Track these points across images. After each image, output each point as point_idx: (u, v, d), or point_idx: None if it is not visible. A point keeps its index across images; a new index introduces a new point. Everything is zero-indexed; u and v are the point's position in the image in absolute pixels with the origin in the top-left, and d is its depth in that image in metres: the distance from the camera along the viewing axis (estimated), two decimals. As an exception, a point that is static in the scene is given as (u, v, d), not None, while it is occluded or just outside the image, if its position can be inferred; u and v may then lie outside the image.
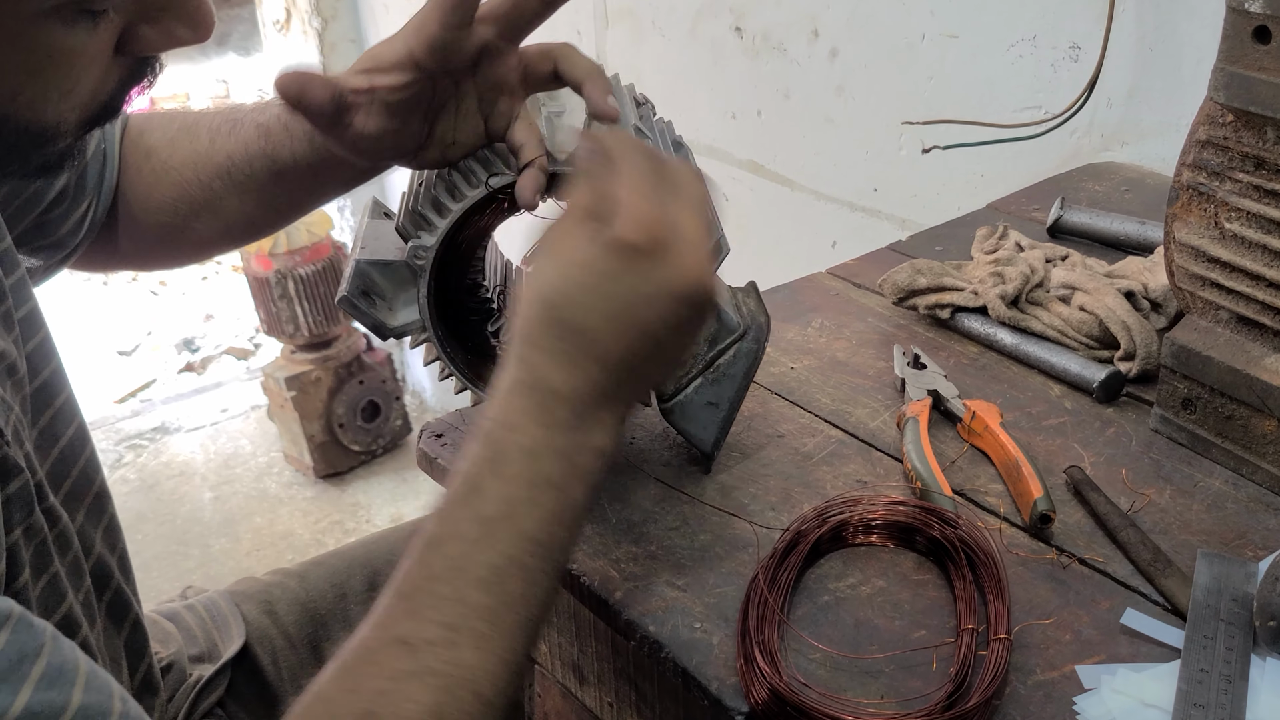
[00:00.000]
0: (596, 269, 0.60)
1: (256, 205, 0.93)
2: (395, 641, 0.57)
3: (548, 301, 0.61)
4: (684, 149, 0.85)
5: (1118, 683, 0.66)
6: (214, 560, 2.70)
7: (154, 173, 0.94)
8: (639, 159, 0.63)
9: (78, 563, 0.73)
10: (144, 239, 0.96)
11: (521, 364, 0.61)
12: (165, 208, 0.94)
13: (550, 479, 0.60)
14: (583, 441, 0.61)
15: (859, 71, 1.63)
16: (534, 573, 0.59)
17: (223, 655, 0.98)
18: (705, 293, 0.61)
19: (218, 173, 0.91)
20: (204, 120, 0.93)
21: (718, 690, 0.67)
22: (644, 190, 0.61)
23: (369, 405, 2.98)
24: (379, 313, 0.80)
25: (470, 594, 0.58)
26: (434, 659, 0.56)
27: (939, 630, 0.71)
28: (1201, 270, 0.85)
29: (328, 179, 0.90)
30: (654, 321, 0.60)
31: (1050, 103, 1.38)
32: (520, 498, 0.59)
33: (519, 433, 0.60)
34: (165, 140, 0.94)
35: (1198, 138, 0.83)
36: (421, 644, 0.56)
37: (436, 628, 0.57)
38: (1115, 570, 0.75)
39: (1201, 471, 0.85)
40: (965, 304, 1.02)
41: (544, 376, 0.60)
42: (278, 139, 0.88)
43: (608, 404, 0.61)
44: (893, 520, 0.78)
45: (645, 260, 0.59)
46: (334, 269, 2.83)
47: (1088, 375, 0.94)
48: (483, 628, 0.57)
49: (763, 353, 0.84)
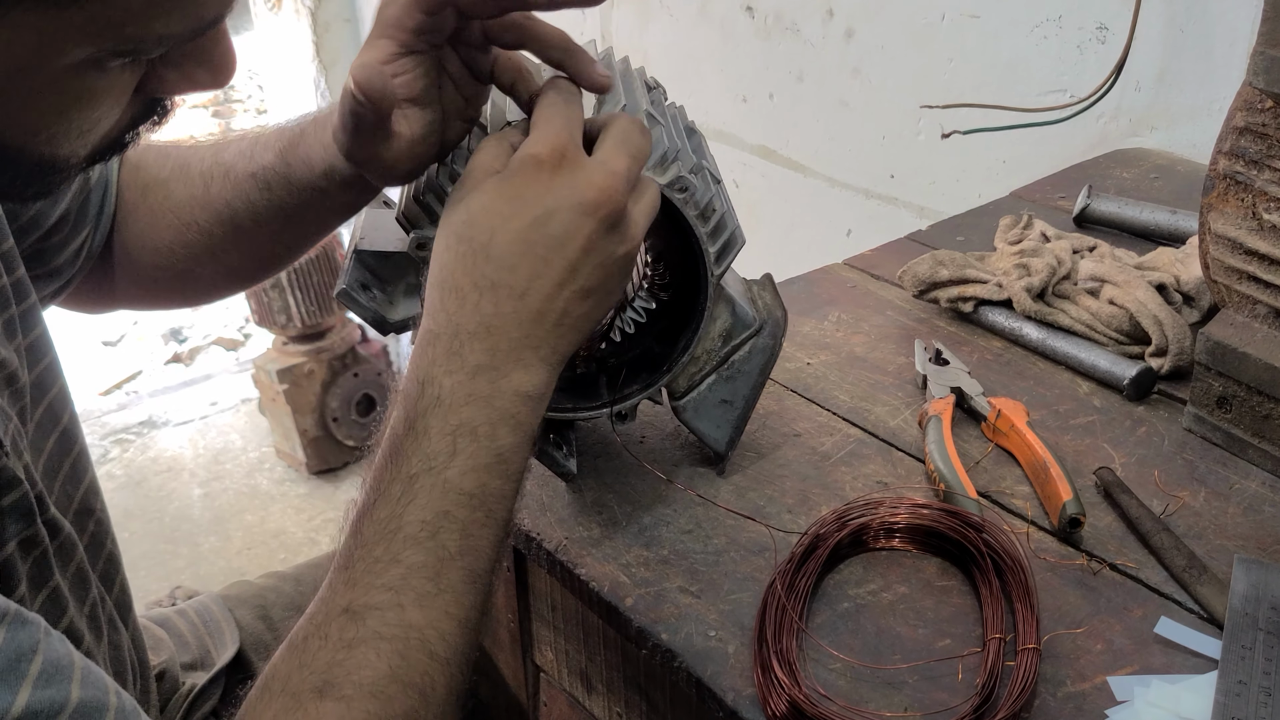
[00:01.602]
0: (501, 189, 0.62)
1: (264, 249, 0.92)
2: (341, 612, 0.58)
3: (456, 234, 0.62)
4: (697, 135, 0.84)
5: (1152, 695, 0.66)
6: (203, 559, 2.71)
7: (151, 211, 0.92)
8: (554, 92, 0.65)
9: (82, 574, 0.73)
10: (142, 281, 0.95)
11: (432, 313, 0.63)
12: (163, 249, 0.92)
13: (469, 427, 0.61)
14: (501, 384, 0.62)
15: (876, 53, 1.62)
16: (469, 525, 0.61)
17: (216, 662, 0.98)
18: (614, 206, 0.62)
19: (217, 219, 0.90)
20: (194, 161, 0.91)
21: (734, 701, 0.67)
22: (558, 114, 0.63)
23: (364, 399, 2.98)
24: (379, 306, 0.79)
25: (405, 553, 0.59)
26: (380, 623, 0.58)
27: (964, 639, 0.71)
28: (1238, 263, 0.84)
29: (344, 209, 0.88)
30: (560, 237, 0.61)
31: (1076, 86, 1.37)
32: (439, 450, 0.60)
33: (431, 385, 0.61)
34: (161, 178, 0.93)
35: (1235, 124, 0.82)
36: (366, 610, 0.58)
37: (379, 592, 0.58)
38: (1148, 577, 0.75)
39: (1237, 473, 0.84)
40: (989, 297, 1.02)
41: (454, 319, 0.62)
42: (280, 191, 0.86)
43: (527, 341, 0.62)
44: (915, 524, 0.77)
45: (547, 172, 0.61)
46: (328, 257, 2.82)
47: (1118, 372, 0.93)
48: (425, 585, 0.59)
49: (779, 348, 0.84)
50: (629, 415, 0.83)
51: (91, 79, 0.56)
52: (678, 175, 0.74)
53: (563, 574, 0.79)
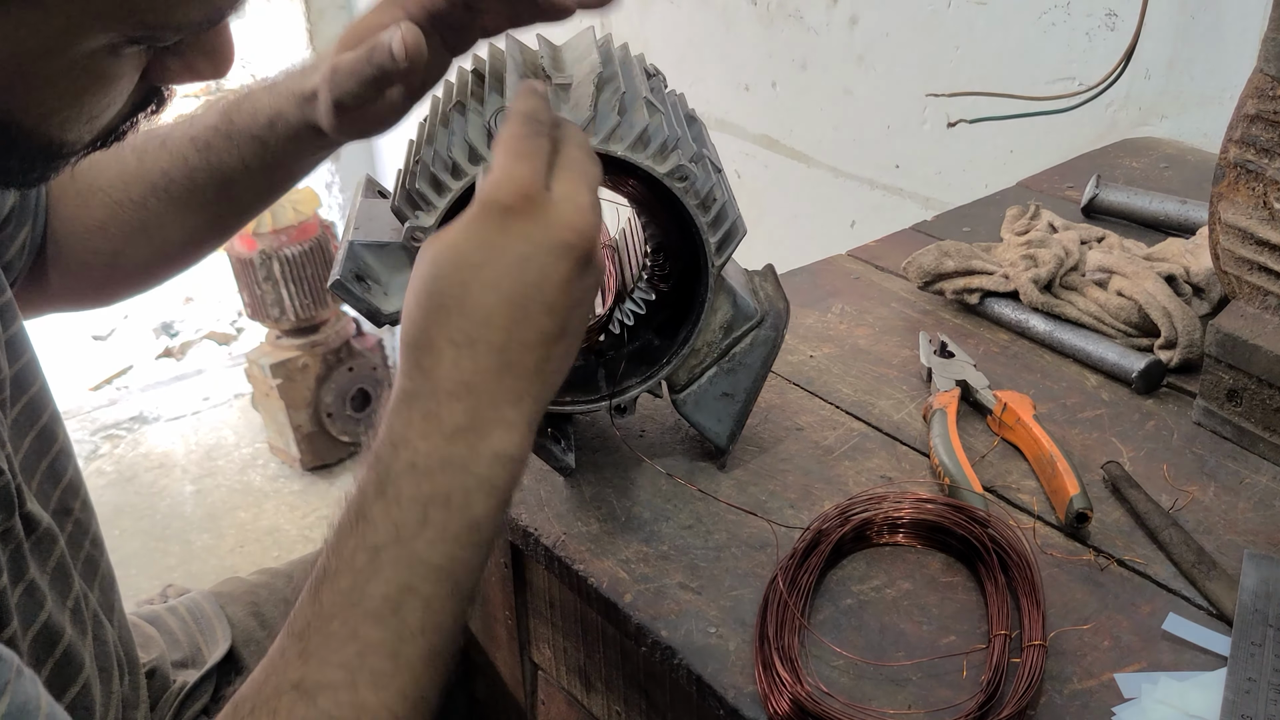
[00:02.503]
0: (471, 240, 0.60)
1: (199, 220, 0.93)
2: (291, 687, 0.56)
3: (426, 290, 0.60)
4: (697, 123, 0.84)
5: (1159, 692, 0.66)
6: (195, 557, 2.71)
7: (80, 194, 0.93)
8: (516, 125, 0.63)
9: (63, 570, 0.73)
10: (73, 269, 0.95)
11: (406, 373, 0.60)
12: (95, 230, 0.93)
13: (442, 496, 0.58)
14: (479, 447, 0.59)
15: (880, 40, 1.62)
16: (433, 600, 0.58)
17: (208, 660, 0.98)
18: (586, 245, 0.60)
19: (152, 190, 0.90)
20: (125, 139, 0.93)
21: (734, 699, 0.67)
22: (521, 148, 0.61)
23: (359, 394, 2.98)
24: (373, 298, 0.79)
25: (364, 629, 0.57)
26: (332, 704, 0.56)
27: (969, 636, 0.71)
28: (1249, 253, 0.84)
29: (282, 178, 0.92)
30: (537, 283, 0.59)
31: (1085, 74, 1.37)
32: (409, 520, 0.58)
33: (405, 448, 0.59)
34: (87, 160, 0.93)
35: (1246, 112, 0.82)
36: (318, 689, 0.56)
37: (333, 669, 0.56)
38: (1156, 572, 0.75)
39: (1248, 467, 0.84)
40: (995, 288, 1.02)
41: (430, 378, 0.59)
42: (220, 149, 0.88)
43: (508, 396, 0.60)
44: (919, 519, 0.77)
45: (517, 219, 0.59)
46: (321, 249, 2.82)
47: (1126, 364, 0.93)
48: (382, 664, 0.57)
49: (781, 341, 0.84)
50: (628, 409, 0.83)
51: (107, 64, 0.57)
52: (678, 164, 0.74)
53: (561, 570, 0.79)
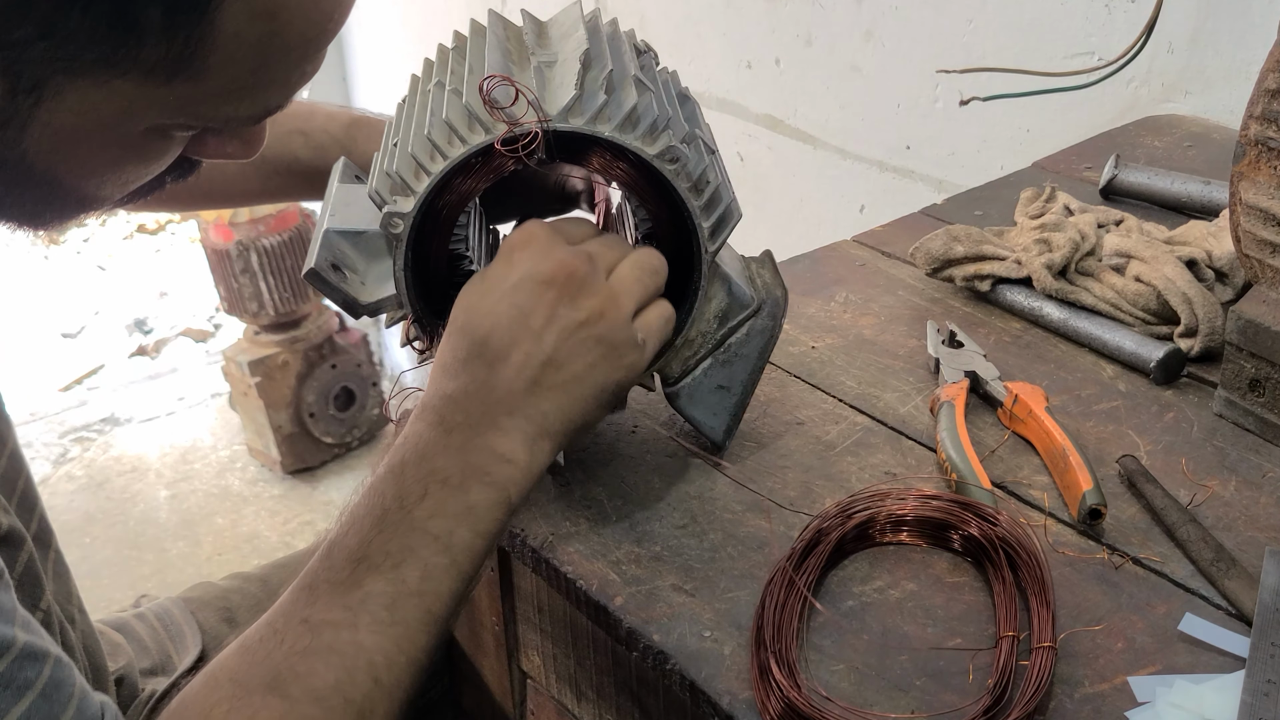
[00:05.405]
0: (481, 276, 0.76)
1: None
2: (299, 622, 0.66)
3: (452, 321, 0.75)
4: (690, 102, 0.85)
5: (1175, 696, 0.66)
6: (171, 566, 2.72)
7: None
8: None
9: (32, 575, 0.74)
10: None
11: (428, 390, 0.74)
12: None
13: (441, 475, 0.70)
14: (475, 440, 0.71)
15: (889, 14, 1.63)
16: (431, 566, 0.68)
17: (178, 667, 0.99)
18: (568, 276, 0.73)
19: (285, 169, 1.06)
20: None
21: (729, 705, 0.68)
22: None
23: (342, 392, 2.99)
24: (350, 287, 0.80)
25: (367, 580, 0.67)
26: (334, 638, 0.65)
27: (976, 638, 0.71)
28: (1271, 235, 0.85)
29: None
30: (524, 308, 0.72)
31: (1104, 48, 1.38)
32: (412, 492, 0.69)
33: (415, 439, 0.72)
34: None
35: (1267, 86, 0.83)
36: (323, 625, 0.66)
37: (338, 610, 0.66)
38: (1173, 571, 0.76)
39: (1271, 461, 0.85)
40: (1007, 275, 1.02)
41: (441, 390, 0.73)
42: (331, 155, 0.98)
43: (500, 407, 0.72)
44: (925, 516, 0.78)
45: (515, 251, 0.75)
46: (302, 239, 2.83)
47: (1144, 354, 0.94)
48: (380, 613, 0.66)
49: (779, 330, 0.84)
50: (619, 403, 0.84)
51: (156, 143, 0.66)
52: (668, 145, 0.75)
53: (549, 572, 0.80)
